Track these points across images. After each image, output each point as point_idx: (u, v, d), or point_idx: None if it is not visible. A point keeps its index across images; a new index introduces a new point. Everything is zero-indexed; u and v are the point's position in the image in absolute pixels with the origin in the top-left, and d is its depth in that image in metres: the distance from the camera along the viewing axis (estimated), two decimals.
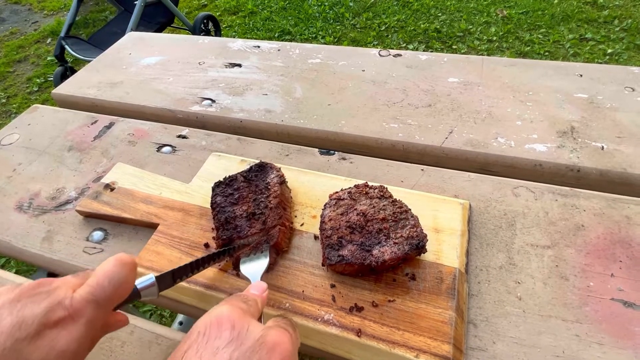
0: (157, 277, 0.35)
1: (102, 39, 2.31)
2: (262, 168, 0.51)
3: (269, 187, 0.49)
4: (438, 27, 2.43)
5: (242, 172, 0.51)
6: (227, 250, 0.44)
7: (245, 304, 0.31)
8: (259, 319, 0.33)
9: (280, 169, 0.52)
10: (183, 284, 0.44)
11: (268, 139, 0.65)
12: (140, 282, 0.34)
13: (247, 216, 0.46)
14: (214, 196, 0.49)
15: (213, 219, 0.48)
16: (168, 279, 0.36)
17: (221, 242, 0.45)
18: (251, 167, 0.52)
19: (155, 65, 0.87)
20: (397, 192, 0.50)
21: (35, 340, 0.26)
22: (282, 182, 0.51)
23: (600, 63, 1.96)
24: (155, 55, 0.90)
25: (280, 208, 0.47)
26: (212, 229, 0.49)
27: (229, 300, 0.31)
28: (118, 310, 0.34)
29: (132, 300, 0.33)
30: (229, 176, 0.51)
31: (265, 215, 0.46)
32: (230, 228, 0.45)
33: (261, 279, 0.41)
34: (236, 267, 0.45)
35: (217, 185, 0.50)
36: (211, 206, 0.48)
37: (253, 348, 0.26)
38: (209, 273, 0.45)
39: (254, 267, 0.43)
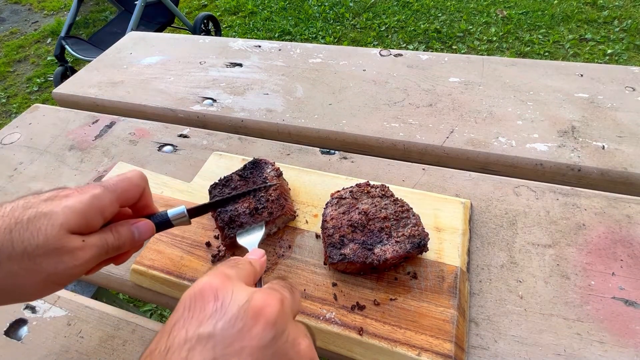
0: (187, 209, 0.40)
1: (102, 39, 2.32)
2: (256, 165, 0.51)
3: (267, 181, 0.49)
4: (438, 27, 2.43)
5: (236, 171, 0.51)
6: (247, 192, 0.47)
7: (234, 269, 0.30)
8: (259, 283, 0.33)
9: (274, 163, 0.52)
10: (185, 282, 0.44)
11: (269, 138, 0.65)
12: (172, 211, 0.39)
13: (250, 212, 0.46)
14: (212, 198, 0.49)
15: (215, 220, 0.48)
16: (198, 209, 0.42)
17: (228, 241, 0.45)
18: (245, 165, 0.52)
19: (156, 64, 0.87)
20: (398, 191, 0.50)
21: (47, 201, 0.32)
22: (280, 174, 0.51)
23: (600, 63, 1.96)
24: (156, 55, 0.90)
25: (282, 199, 0.47)
26: (215, 228, 0.49)
27: (216, 267, 0.30)
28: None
29: (165, 227, 0.39)
30: (224, 177, 0.51)
31: (268, 208, 0.46)
32: (236, 226, 0.45)
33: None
34: (231, 245, 0.46)
35: (214, 187, 0.50)
36: None
37: (237, 315, 0.25)
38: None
39: (250, 238, 0.44)
